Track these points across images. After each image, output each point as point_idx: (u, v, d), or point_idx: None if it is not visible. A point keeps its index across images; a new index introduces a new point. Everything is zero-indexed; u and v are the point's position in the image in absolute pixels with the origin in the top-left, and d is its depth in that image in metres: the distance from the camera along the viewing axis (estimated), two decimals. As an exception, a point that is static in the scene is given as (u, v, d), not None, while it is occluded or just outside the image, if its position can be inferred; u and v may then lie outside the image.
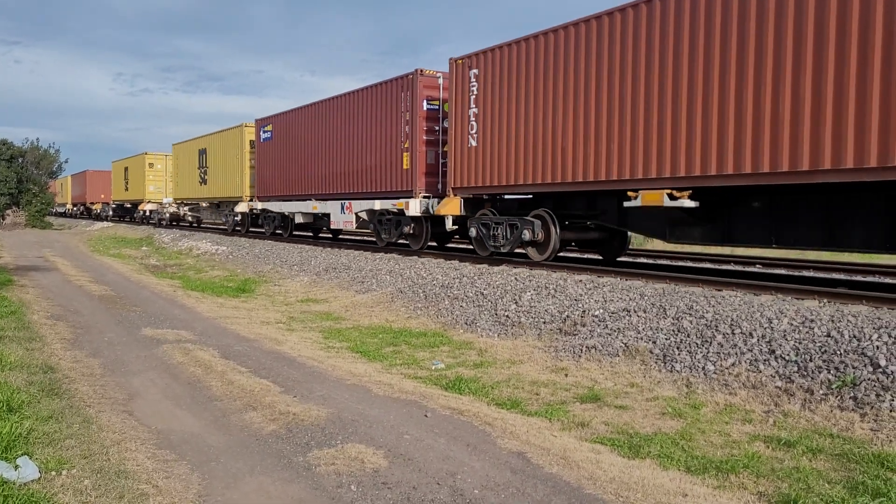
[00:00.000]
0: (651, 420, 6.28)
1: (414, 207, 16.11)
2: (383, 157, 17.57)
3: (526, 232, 13.35)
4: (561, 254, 15.27)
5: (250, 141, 26.13)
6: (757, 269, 14.50)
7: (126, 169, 42.94)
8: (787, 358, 6.97)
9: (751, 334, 7.56)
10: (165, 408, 6.45)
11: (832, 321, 7.33)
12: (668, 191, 10.39)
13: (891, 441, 5.50)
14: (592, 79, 11.64)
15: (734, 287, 9.77)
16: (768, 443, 5.63)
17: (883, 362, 6.36)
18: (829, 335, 7.06)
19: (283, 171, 23.40)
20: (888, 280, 12.24)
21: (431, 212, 15.98)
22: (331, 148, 20.36)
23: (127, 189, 43.03)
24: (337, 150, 20.01)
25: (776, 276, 12.45)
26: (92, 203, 53.55)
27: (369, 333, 10.47)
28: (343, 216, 19.64)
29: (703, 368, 7.31)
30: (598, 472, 4.94)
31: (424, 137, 16.31)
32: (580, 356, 8.36)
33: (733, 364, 7.21)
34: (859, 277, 12.74)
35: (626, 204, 11.18)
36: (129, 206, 44.11)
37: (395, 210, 17.07)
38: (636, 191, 10.86)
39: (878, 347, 6.59)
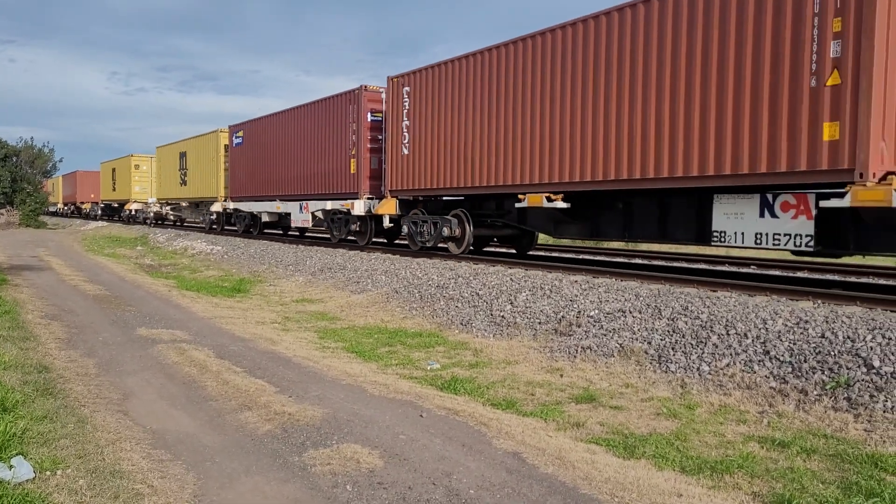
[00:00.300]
0: (646, 420, 6.29)
1: (359, 207, 18.45)
2: (334, 163, 19.87)
3: (445, 229, 15.44)
4: (487, 248, 18.07)
5: (225, 145, 28.12)
6: (752, 269, 14.54)
7: (114, 170, 44.70)
8: (781, 359, 7.00)
9: (745, 335, 7.58)
10: (160, 408, 6.44)
11: (826, 322, 7.35)
12: (546, 194, 12.56)
13: (884, 442, 5.53)
14: (492, 100, 13.89)
15: (729, 288, 9.80)
16: (763, 443, 5.65)
17: (877, 363, 6.39)
18: (823, 336, 7.09)
19: (252, 174, 25.57)
20: (882, 281, 12.29)
21: (373, 211, 18.18)
22: (291, 153, 22.71)
23: (114, 189, 44.73)
24: (296, 155, 22.35)
25: (771, 277, 12.49)
26: (82, 203, 55.28)
27: (365, 333, 10.46)
28: (301, 215, 22.01)
29: (698, 369, 7.33)
30: (593, 473, 4.95)
31: (369, 145, 18.65)
32: (575, 357, 8.37)
33: (728, 365, 7.23)
34: (853, 279, 12.78)
35: (517, 205, 13.46)
36: (116, 205, 45.85)
37: (344, 210, 19.30)
38: (524, 194, 13.12)
39: (871, 348, 6.62)
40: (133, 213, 41.25)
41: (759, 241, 9.61)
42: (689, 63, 10.00)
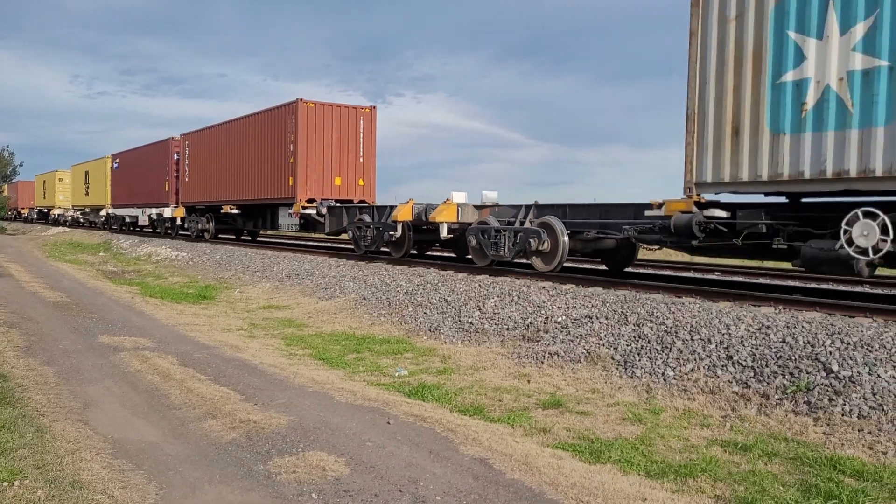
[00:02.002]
0: (612, 425, 6.34)
1: (167, 212, 29.99)
2: (157, 185, 30.66)
3: (202, 223, 27.11)
4: (221, 235, 27.66)
5: (111, 167, 37.60)
6: (715, 276, 14.76)
7: (44, 181, 54.92)
8: (744, 363, 7.11)
9: (709, 340, 7.69)
10: (122, 416, 6.33)
11: (787, 327, 7.49)
12: (229, 206, 24.59)
13: (843, 444, 5.64)
14: (222, 153, 25.20)
15: (693, 294, 9.93)
16: (725, 447, 5.73)
17: (836, 367, 6.52)
18: (784, 341, 7.22)
19: (122, 190, 36.00)
20: (841, 287, 12.56)
21: (173, 214, 29.65)
22: (139, 177, 33.04)
23: (45, 197, 54.85)
24: (141, 179, 32.70)
25: (734, 283, 12.69)
26: (22, 208, 65.27)
27: (332, 340, 10.40)
28: (143, 218, 33.07)
29: (663, 374, 7.41)
30: (559, 478, 4.98)
31: (175, 174, 29.45)
32: (543, 362, 8.41)
33: (692, 370, 7.33)
34: (813, 284, 13.04)
35: (223, 210, 25.25)
36: (46, 210, 55.34)
37: (160, 214, 30.87)
38: (227, 203, 24.75)
39: (830, 353, 6.75)
40: (56, 216, 51.35)
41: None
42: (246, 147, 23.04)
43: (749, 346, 7.35)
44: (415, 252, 17.50)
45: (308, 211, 19.64)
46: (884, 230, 7.76)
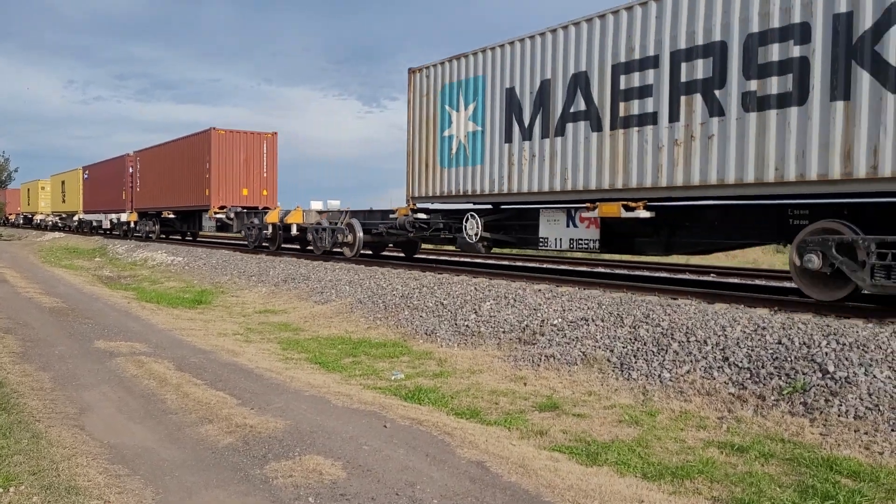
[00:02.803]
0: (608, 428, 6.34)
1: (124, 217, 34.73)
2: (116, 195, 35.57)
3: (149, 226, 32.06)
4: (163, 235, 32.63)
5: (82, 178, 42.91)
6: (711, 277, 14.78)
7: (28, 190, 60.27)
8: (740, 365, 7.12)
9: (705, 342, 7.70)
10: (118, 422, 6.32)
11: (783, 328, 7.50)
12: (168, 212, 30.17)
13: (839, 445, 5.65)
14: (165, 167, 30.26)
15: (689, 296, 9.95)
16: (722, 448, 5.74)
17: (832, 368, 6.54)
18: (780, 342, 7.23)
19: (90, 197, 41.52)
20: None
21: (128, 219, 34.45)
22: (103, 187, 38.77)
23: (29, 204, 59.81)
24: (105, 188, 38.31)
25: (729, 285, 12.71)
26: (10, 214, 70.39)
27: (328, 344, 10.39)
28: (105, 222, 38.39)
29: (659, 376, 7.42)
30: (556, 480, 4.98)
31: (129, 185, 34.28)
32: (539, 365, 8.41)
33: (688, 371, 7.34)
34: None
35: (163, 215, 30.62)
36: (30, 216, 60.15)
37: (119, 219, 35.90)
38: (166, 210, 30.38)
39: (826, 354, 6.77)
40: (39, 221, 56.38)
41: None
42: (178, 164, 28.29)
43: (745, 347, 7.37)
44: (285, 246, 22.16)
45: (220, 215, 25.25)
46: (481, 226, 13.70)
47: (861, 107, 7.99)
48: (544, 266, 17.82)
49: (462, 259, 19.73)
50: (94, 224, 40.52)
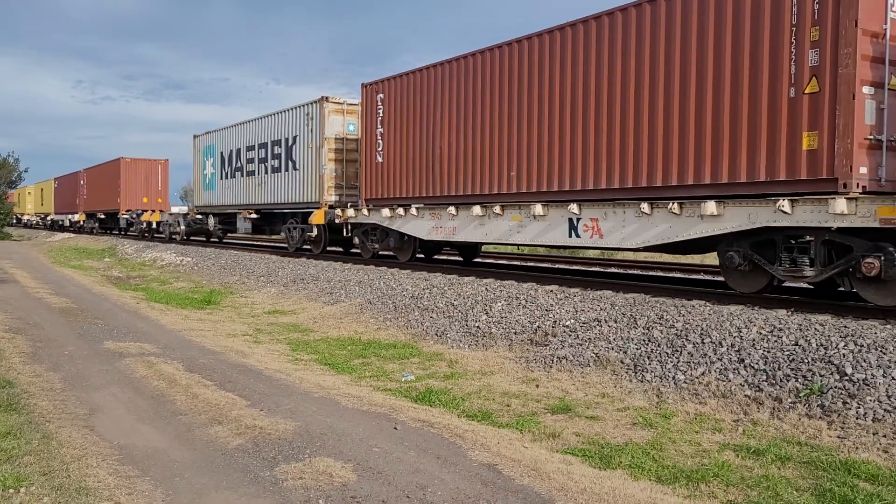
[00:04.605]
0: (622, 430, 6.27)
1: (77, 216, 46.03)
2: (105, 199, 40.93)
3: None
4: (103, 230, 42.11)
5: (54, 188, 52.03)
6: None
7: (19, 194, 66.83)
8: (755, 367, 7.03)
9: (720, 343, 7.61)
10: (128, 423, 6.29)
11: (800, 330, 7.41)
12: (101, 213, 41.34)
13: (857, 448, 5.56)
14: (98, 181, 42.03)
15: (704, 296, 9.85)
16: (738, 451, 5.65)
17: (849, 370, 6.44)
18: (796, 344, 7.14)
19: (60, 203, 50.66)
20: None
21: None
22: (80, 195, 46.19)
23: (18, 206, 66.59)
24: (87, 197, 45.42)
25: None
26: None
27: (338, 345, 10.35)
28: (74, 220, 47.26)
29: (674, 378, 7.34)
30: (569, 483, 4.91)
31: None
32: (551, 367, 8.34)
33: (703, 373, 7.25)
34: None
35: (98, 216, 42.42)
36: (20, 216, 67.25)
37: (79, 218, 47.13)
38: (99, 212, 41.11)
39: (844, 356, 6.67)
40: (26, 220, 65.42)
41: None
42: (105, 180, 40.90)
43: (761, 348, 7.27)
44: (158, 235, 33.41)
45: (125, 216, 36.86)
46: (215, 221, 26.86)
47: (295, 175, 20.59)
48: (556, 266, 17.74)
49: (476, 260, 19.61)
50: (60, 223, 50.43)
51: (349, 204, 18.04)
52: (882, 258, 7.81)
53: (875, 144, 8.25)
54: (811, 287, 10.10)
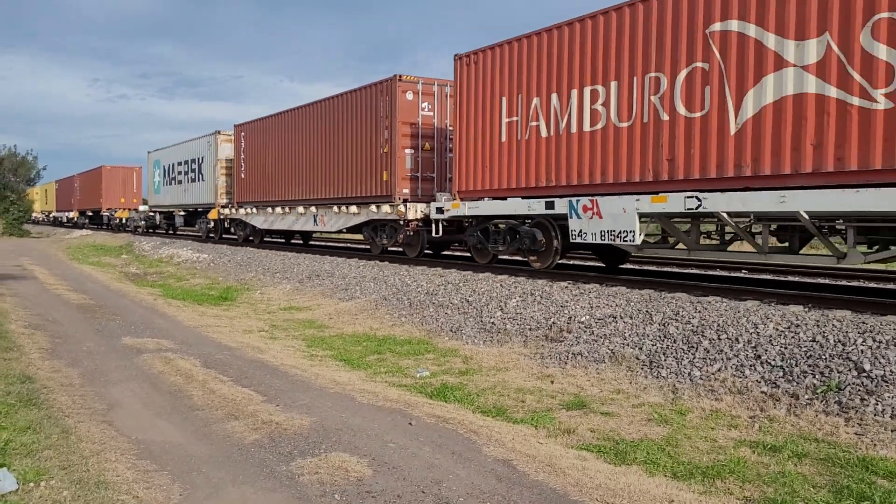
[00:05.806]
0: (637, 426, 6.25)
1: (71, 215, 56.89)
2: (87, 199, 51.54)
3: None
4: (95, 225, 49.32)
5: (55, 189, 61.30)
6: (742, 274, 14.57)
7: (29, 193, 71.98)
8: (772, 363, 6.99)
9: (737, 339, 7.57)
10: (146, 417, 6.35)
11: (817, 326, 7.35)
12: (89, 210, 50.31)
13: (875, 445, 5.51)
14: (87, 186, 51.65)
15: (720, 292, 9.79)
16: (754, 448, 5.62)
17: (867, 367, 6.39)
18: (814, 340, 7.09)
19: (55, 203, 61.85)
20: (872, 284, 12.34)
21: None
22: (74, 196, 54.45)
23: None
24: (79, 196, 53.32)
25: (761, 281, 12.51)
26: None
27: (353, 341, 10.39)
28: (68, 216, 58.32)
29: (690, 374, 7.31)
30: (584, 479, 4.91)
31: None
32: (566, 363, 8.33)
33: (719, 369, 7.21)
34: (843, 282, 12.84)
35: (86, 213, 51.75)
36: (29, 214, 71.85)
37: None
38: (90, 209, 49.88)
39: (862, 352, 6.61)
40: (33, 218, 67.33)
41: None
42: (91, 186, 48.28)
43: (778, 345, 7.23)
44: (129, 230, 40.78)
45: (106, 213, 44.65)
46: (161, 217, 36.71)
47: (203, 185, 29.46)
48: (571, 262, 17.69)
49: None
50: (60, 220, 59.41)
51: (229, 205, 26.99)
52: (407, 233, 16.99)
53: (413, 178, 16.91)
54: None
